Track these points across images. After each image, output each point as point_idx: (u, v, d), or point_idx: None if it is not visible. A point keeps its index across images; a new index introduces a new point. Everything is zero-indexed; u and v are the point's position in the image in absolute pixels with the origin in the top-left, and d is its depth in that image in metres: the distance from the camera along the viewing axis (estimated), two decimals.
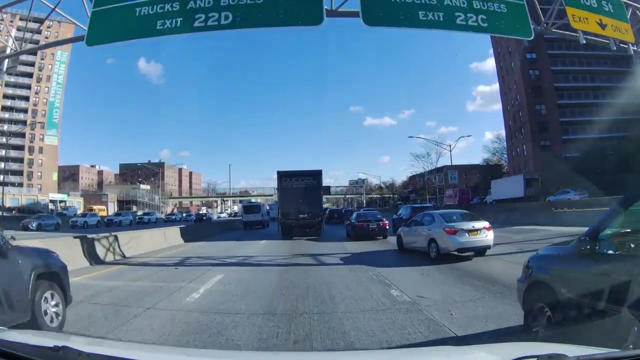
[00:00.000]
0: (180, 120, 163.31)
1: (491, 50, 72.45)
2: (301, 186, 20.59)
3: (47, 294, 4.45)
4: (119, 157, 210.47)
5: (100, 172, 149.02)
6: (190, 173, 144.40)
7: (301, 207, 20.04)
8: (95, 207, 70.81)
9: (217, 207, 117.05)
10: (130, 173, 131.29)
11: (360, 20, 9.10)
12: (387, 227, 18.00)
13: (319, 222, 20.78)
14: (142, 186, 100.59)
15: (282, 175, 21.23)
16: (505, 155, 67.04)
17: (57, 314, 4.60)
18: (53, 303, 4.60)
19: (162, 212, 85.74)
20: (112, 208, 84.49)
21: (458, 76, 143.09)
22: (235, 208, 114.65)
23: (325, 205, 48.69)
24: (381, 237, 17.57)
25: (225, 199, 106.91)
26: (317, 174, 21.44)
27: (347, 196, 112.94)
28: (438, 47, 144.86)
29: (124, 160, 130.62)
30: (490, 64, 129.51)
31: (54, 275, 4.69)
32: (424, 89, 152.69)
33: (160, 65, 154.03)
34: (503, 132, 67.50)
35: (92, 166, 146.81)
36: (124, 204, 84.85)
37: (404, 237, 12.77)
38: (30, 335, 2.16)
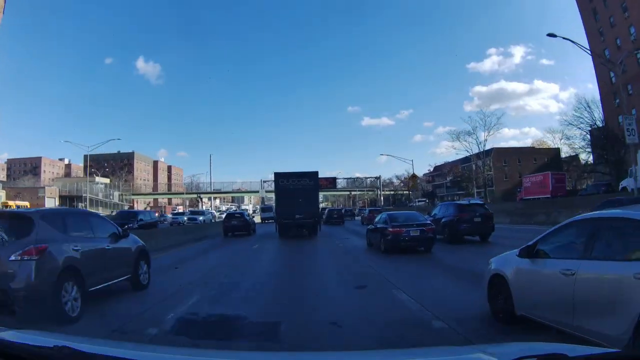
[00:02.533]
0: (178, 121, 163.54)
1: (489, 50, 58.58)
2: (298, 187, 20.81)
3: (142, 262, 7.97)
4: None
5: (68, 165, 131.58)
6: (169, 167, 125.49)
7: (298, 208, 20.23)
8: (12, 202, 51.21)
9: (202, 206, 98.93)
10: (96, 166, 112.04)
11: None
12: (435, 234, 13.23)
13: (315, 222, 21.24)
14: (100, 179, 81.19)
15: (279, 176, 21.92)
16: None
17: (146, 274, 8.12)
18: (145, 268, 8.08)
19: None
20: (53, 205, 65.29)
21: (455, 76, 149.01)
22: (223, 208, 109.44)
23: (322, 205, 50.34)
24: (423, 249, 12.88)
25: (202, 195, 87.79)
26: (313, 175, 21.93)
27: (353, 193, 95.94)
28: (436, 47, 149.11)
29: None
30: (488, 64, 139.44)
31: (143, 251, 8.13)
32: (422, 90, 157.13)
33: (158, 65, 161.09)
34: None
35: (60, 159, 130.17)
36: (68, 200, 65.78)
37: (524, 282, 4.82)
38: (30, 335, 2.16)
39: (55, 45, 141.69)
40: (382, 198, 69.02)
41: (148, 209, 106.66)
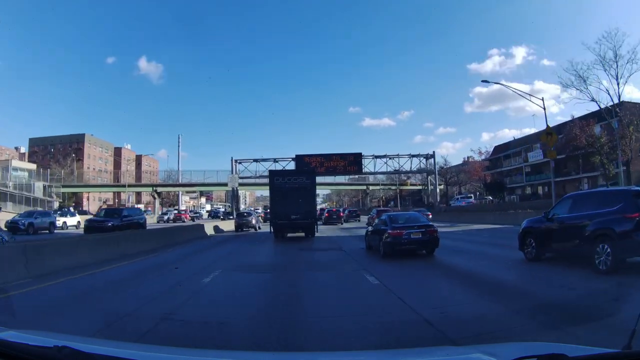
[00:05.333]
0: (179, 121, 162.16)
1: (490, 51, 62.49)
2: (294, 186, 20.22)
3: None
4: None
5: (22, 155, 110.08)
6: (139, 157, 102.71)
7: (293, 208, 19.57)
8: None
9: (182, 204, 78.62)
10: (41, 152, 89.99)
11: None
12: (438, 236, 12.05)
13: (312, 223, 20.58)
14: (20, 164, 58.74)
15: (274, 175, 21.74)
16: None
17: None
18: None
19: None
20: None
21: (457, 77, 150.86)
22: (208, 207, 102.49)
23: (324, 205, 60.27)
24: (424, 251, 12.10)
25: (160, 189, 66.05)
26: (310, 173, 22.24)
27: (372, 187, 75.23)
28: (438, 47, 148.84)
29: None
30: (489, 65, 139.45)
31: None
32: (423, 90, 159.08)
33: (160, 65, 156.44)
34: None
35: (16, 148, 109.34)
36: None
37: None
38: (30, 335, 2.14)
39: (57, 44, 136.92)
40: (437, 191, 44.97)
41: (104, 206, 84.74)
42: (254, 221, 29.87)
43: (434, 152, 44.18)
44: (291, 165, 40.08)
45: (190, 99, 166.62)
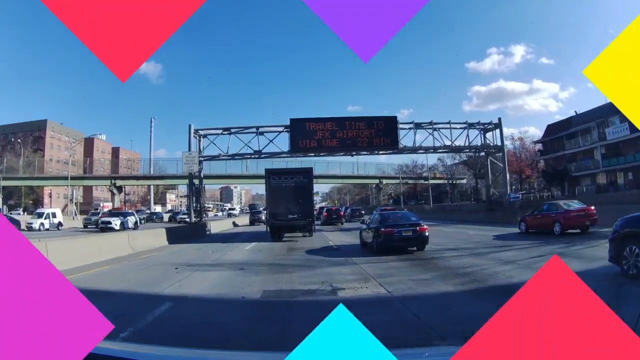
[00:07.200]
0: (178, 121, 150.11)
1: (489, 50, 45.52)
2: (291, 185, 19.76)
3: None
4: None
5: None
6: (116, 149, 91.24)
7: (291, 207, 19.38)
8: None
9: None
10: (1, 142, 78.70)
11: None
12: (427, 234, 12.81)
13: (309, 222, 20.13)
14: None
15: (271, 173, 20.70)
16: None
17: None
18: None
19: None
20: None
21: (455, 76, 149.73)
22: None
23: (324, 204, 59.45)
24: (415, 249, 12.99)
25: (119, 182, 55.61)
26: (307, 172, 20.83)
27: (385, 181, 64.56)
28: (437, 46, 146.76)
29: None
30: (488, 64, 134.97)
31: None
32: (422, 89, 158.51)
33: (159, 64, 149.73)
34: None
35: None
36: None
37: None
38: None
39: (57, 44, 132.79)
40: (507, 178, 30.75)
41: (71, 205, 73.08)
42: (263, 217, 35.00)
43: (499, 119, 28.51)
44: (283, 137, 28.26)
45: (190, 99, 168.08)
